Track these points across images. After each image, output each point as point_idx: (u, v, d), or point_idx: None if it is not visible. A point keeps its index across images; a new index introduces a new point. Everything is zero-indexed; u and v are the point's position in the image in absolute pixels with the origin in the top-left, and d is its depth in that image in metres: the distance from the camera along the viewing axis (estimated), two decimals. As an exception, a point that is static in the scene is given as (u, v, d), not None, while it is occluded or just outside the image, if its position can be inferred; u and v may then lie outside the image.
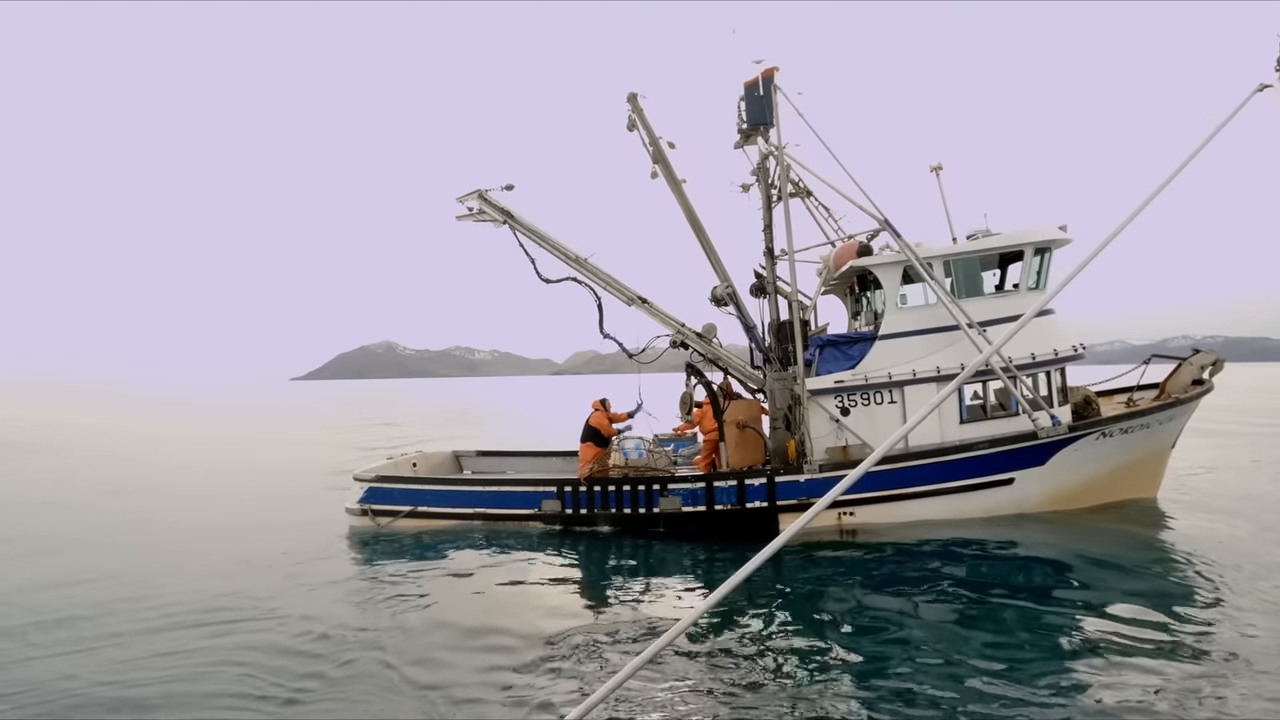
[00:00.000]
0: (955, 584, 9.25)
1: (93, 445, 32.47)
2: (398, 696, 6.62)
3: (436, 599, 9.42)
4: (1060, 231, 12.91)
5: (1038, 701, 6.04)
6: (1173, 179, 4.27)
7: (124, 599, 9.61)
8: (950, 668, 6.79)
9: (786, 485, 12.02)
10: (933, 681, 6.51)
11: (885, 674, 6.76)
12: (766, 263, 14.48)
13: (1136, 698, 6.03)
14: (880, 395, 12.48)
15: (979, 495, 11.90)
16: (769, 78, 13.95)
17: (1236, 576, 9.00)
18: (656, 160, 13.78)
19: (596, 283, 13.50)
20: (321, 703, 6.59)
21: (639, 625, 8.34)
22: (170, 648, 7.94)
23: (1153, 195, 4.17)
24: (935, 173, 13.61)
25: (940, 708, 6.04)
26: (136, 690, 6.92)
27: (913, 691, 6.34)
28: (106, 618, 8.90)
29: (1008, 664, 6.81)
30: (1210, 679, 6.31)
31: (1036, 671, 6.62)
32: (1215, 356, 13.70)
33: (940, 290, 12.10)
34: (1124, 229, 4.04)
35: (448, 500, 13.61)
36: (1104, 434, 12.02)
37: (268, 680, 7.04)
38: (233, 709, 6.51)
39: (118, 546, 12.84)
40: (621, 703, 6.28)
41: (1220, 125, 4.53)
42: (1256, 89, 4.74)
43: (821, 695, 6.37)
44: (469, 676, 7.00)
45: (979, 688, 6.34)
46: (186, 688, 6.94)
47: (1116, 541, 10.71)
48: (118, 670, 7.38)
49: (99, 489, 19.11)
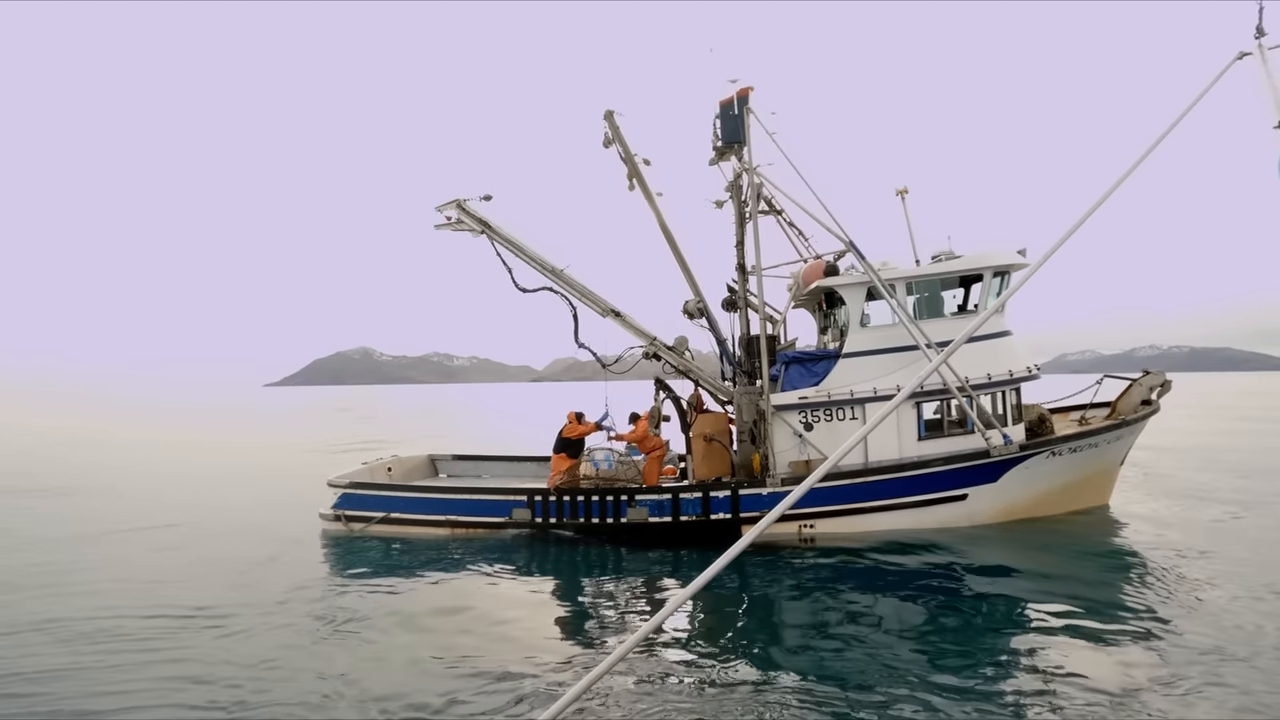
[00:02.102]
0: (908, 593, 9.56)
1: (52, 447, 32.01)
2: (351, 705, 6.70)
3: (401, 606, 9.52)
4: (1019, 255, 13.41)
5: (982, 707, 6.30)
6: (1152, 150, 4.26)
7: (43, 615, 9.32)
8: (895, 672, 7.06)
9: (750, 498, 12.34)
10: (881, 688, 6.75)
11: (834, 679, 6.98)
12: (738, 278, 14.86)
13: (1078, 699, 6.35)
14: (843, 412, 12.86)
15: (934, 510, 12.30)
16: (743, 97, 14.35)
17: (1177, 583, 9.44)
18: (632, 176, 14.13)
19: (572, 294, 13.77)
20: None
21: (607, 628, 8.59)
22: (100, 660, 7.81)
23: (1134, 166, 4.20)
24: (901, 196, 14.09)
25: (888, 712, 6.30)
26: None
27: (863, 700, 6.55)
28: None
29: (949, 667, 7.11)
30: (1152, 682, 6.63)
31: (978, 677, 6.89)
32: (1164, 378, 14.28)
33: (900, 310, 12.53)
34: (1102, 203, 4.09)
35: (421, 507, 13.74)
36: (1054, 453, 12.51)
37: (201, 692, 7.03)
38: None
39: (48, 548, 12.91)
40: (595, 702, 6.51)
41: (1201, 93, 4.48)
42: (1236, 57, 4.66)
43: (773, 695, 6.62)
44: (431, 684, 7.11)
45: (923, 690, 6.62)
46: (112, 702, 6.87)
47: (1063, 551, 11.16)
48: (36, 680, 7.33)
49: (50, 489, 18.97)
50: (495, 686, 6.96)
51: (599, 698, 6.59)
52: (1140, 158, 4.19)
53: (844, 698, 6.55)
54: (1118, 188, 4.12)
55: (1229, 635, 7.65)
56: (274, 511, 15.91)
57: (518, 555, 12.07)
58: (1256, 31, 4.69)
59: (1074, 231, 4.04)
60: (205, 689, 7.06)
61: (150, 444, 34.13)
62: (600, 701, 6.53)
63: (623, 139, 13.96)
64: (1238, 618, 8.16)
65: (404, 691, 6.91)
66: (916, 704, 6.37)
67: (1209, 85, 4.48)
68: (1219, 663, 6.99)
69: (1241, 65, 4.65)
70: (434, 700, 6.70)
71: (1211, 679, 6.66)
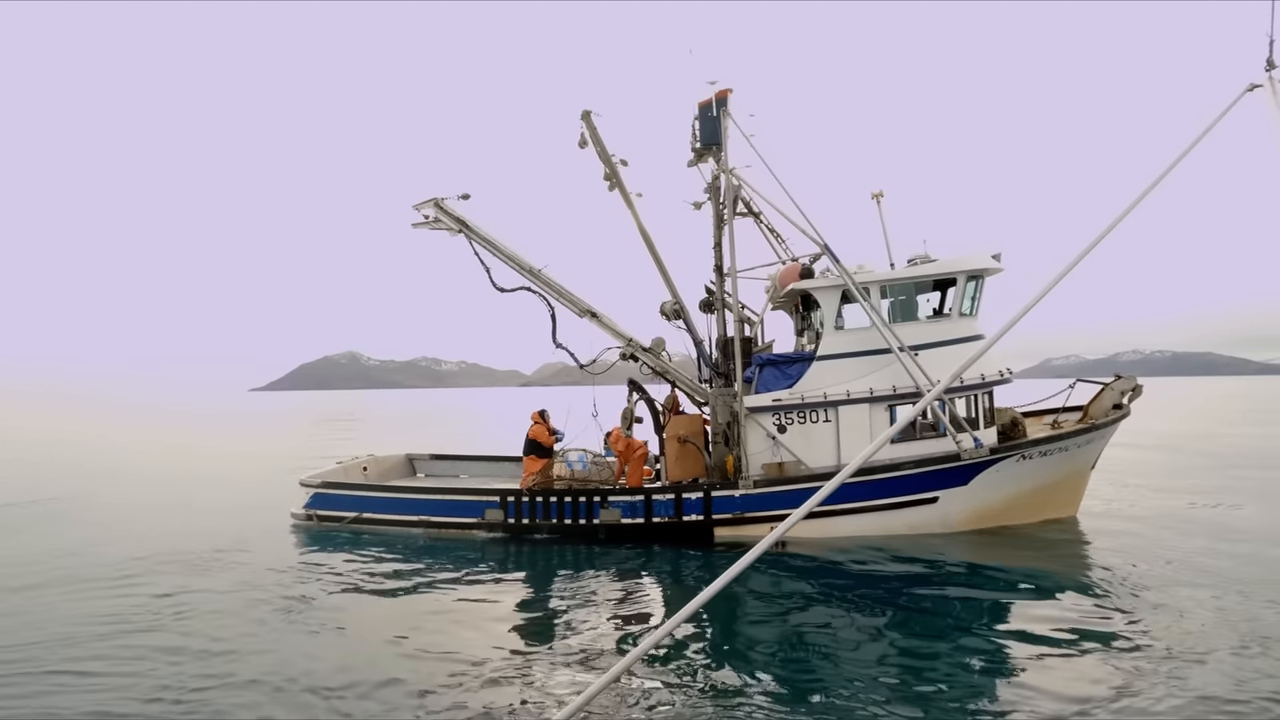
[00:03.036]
0: (878, 596, 9.56)
1: (32, 448, 31.57)
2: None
3: (376, 612, 9.35)
4: (993, 260, 13.50)
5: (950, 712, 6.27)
6: (1161, 179, 4.25)
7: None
8: (861, 677, 7.01)
9: (722, 500, 12.32)
10: (846, 693, 6.69)
11: (799, 682, 6.95)
12: (716, 279, 14.88)
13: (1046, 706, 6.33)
14: (816, 414, 12.87)
15: (905, 513, 12.30)
16: (722, 99, 14.38)
17: (1143, 592, 9.43)
18: (609, 177, 14.13)
19: (550, 294, 13.73)
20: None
21: (594, 635, 8.40)
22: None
23: (1140, 197, 4.18)
24: (876, 200, 14.14)
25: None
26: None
27: (830, 704, 6.50)
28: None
29: (912, 669, 7.12)
30: (1116, 689, 6.58)
31: (950, 683, 6.84)
32: (1135, 383, 14.39)
33: (874, 314, 12.57)
34: (1112, 230, 4.05)
35: (393, 507, 13.66)
36: (1024, 456, 12.56)
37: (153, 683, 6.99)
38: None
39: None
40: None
41: (1210, 125, 4.47)
42: (1246, 89, 4.68)
43: (739, 699, 6.56)
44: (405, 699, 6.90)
45: (888, 695, 6.59)
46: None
47: (1033, 559, 11.16)
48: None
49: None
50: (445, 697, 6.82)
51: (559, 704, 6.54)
52: (1148, 189, 4.19)
53: (807, 701, 6.50)
54: (1126, 216, 4.12)
55: (1195, 639, 7.63)
56: (242, 516, 15.68)
57: (490, 556, 11.98)
58: (1267, 64, 4.72)
59: (1084, 256, 4.01)
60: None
61: (133, 446, 33.74)
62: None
63: (600, 140, 13.95)
64: (1201, 620, 8.18)
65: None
66: (880, 708, 6.33)
67: (1218, 117, 4.48)
68: (1182, 666, 6.97)
69: (1252, 97, 4.68)
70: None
71: (1175, 682, 6.65)
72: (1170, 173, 4.28)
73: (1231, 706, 6.14)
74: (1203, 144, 4.47)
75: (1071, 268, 3.93)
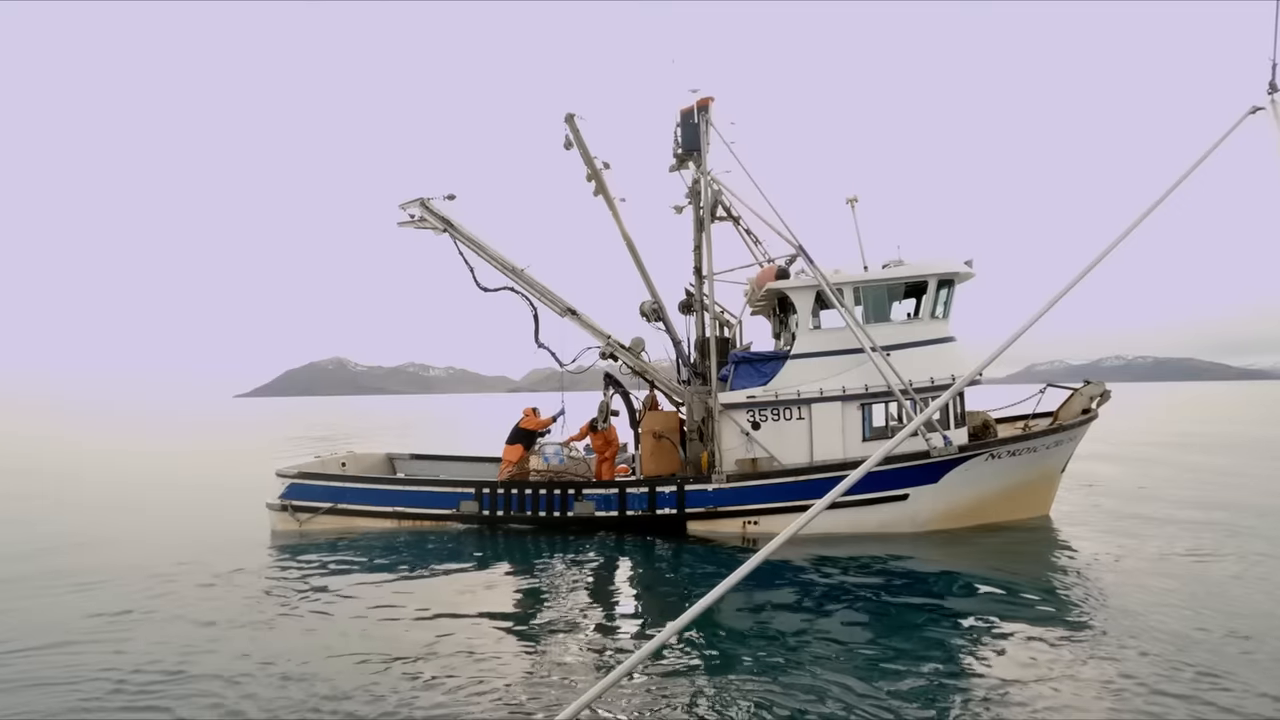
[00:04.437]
0: (846, 592, 9.77)
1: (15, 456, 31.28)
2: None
3: (360, 613, 9.10)
4: (965, 265, 13.82)
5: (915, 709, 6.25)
6: (1162, 201, 4.23)
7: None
8: (832, 672, 7.01)
9: (695, 494, 12.51)
10: (814, 688, 6.66)
11: (768, 676, 6.92)
12: (695, 281, 15.13)
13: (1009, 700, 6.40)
14: (789, 411, 13.09)
15: (876, 510, 12.53)
16: (703, 107, 14.73)
17: (1112, 596, 9.53)
18: (592, 180, 14.35)
19: (532, 293, 13.92)
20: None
21: (577, 634, 8.35)
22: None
23: (1140, 219, 4.16)
24: (850, 205, 14.47)
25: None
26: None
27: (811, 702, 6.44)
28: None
29: (886, 671, 7.06)
30: (1084, 686, 6.64)
31: (915, 680, 6.84)
32: (1103, 388, 14.72)
33: (847, 314, 12.84)
34: (1111, 251, 4.04)
35: (368, 498, 13.72)
36: (993, 455, 12.82)
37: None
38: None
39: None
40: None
41: (1212, 147, 4.42)
42: (1249, 111, 4.62)
43: (710, 692, 6.59)
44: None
45: (856, 691, 6.57)
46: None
47: (1003, 558, 11.37)
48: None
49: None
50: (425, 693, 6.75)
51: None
52: (1147, 211, 4.16)
53: (788, 697, 6.47)
54: (1125, 239, 4.09)
55: (1164, 639, 7.72)
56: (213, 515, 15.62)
57: (467, 547, 12.05)
58: (1269, 87, 4.68)
59: (1090, 271, 4.00)
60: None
61: (113, 453, 33.49)
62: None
63: (583, 143, 14.18)
64: (1165, 620, 8.29)
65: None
66: (847, 705, 6.32)
67: (1220, 140, 4.41)
68: (1150, 664, 7.06)
69: (1254, 119, 4.59)
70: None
71: (1140, 679, 6.72)
72: (1168, 197, 4.20)
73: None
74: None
75: (1079, 279, 3.94)
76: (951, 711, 6.19)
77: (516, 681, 6.89)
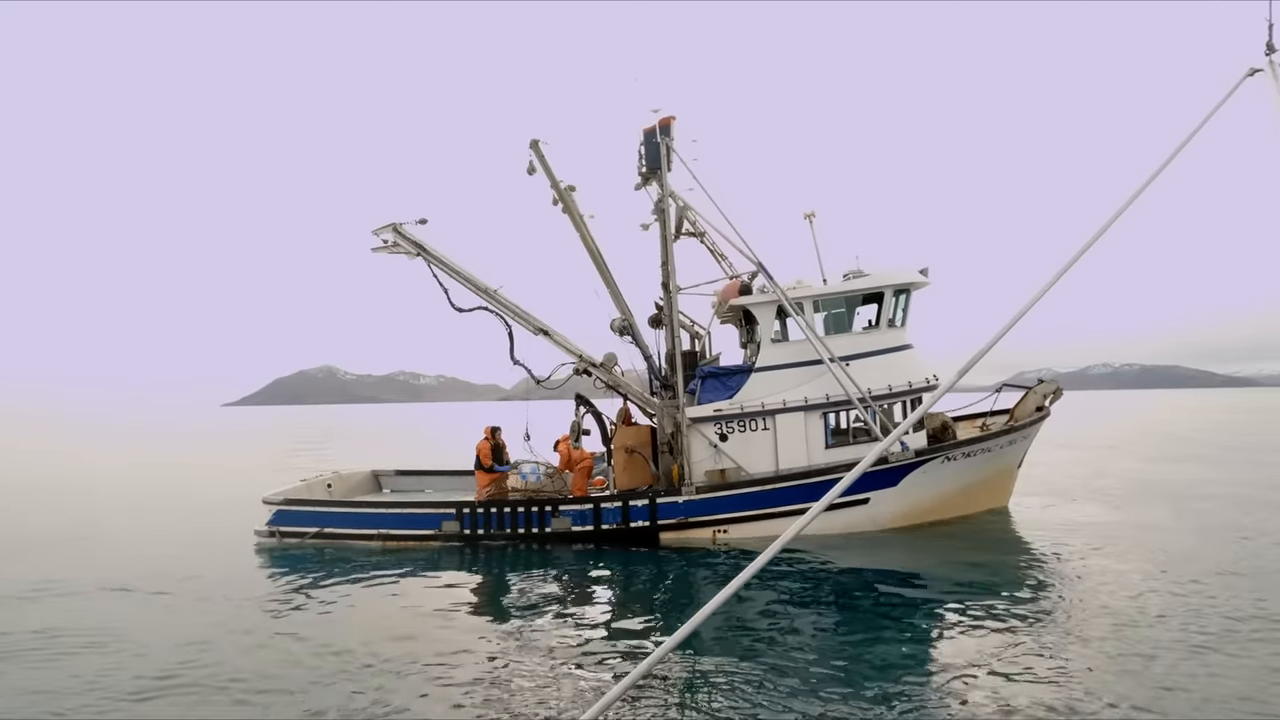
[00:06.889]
0: (814, 591, 10.33)
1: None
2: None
3: (353, 627, 9.39)
4: (920, 275, 14.40)
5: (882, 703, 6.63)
6: (1161, 171, 4.14)
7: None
8: (802, 670, 7.44)
9: (667, 506, 13.05)
10: (787, 686, 7.03)
11: (745, 674, 7.35)
12: (664, 296, 15.61)
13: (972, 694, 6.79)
14: (755, 423, 13.65)
15: (839, 514, 13.07)
16: (664, 126, 15.18)
17: (1070, 581, 10.28)
18: (558, 202, 14.78)
19: (506, 313, 14.34)
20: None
21: (574, 642, 8.66)
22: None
23: (1137, 192, 4.08)
24: (809, 220, 15.01)
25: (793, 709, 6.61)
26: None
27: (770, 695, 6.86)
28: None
29: (865, 668, 7.47)
30: (1045, 678, 7.06)
31: (877, 675, 7.25)
32: (1056, 386, 15.39)
33: (805, 327, 13.41)
34: (1107, 229, 3.98)
35: (353, 521, 14.14)
36: (948, 458, 13.43)
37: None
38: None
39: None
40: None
41: (1212, 111, 4.30)
42: (1247, 73, 4.49)
43: (685, 694, 7.01)
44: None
45: (833, 686, 7.00)
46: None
47: (966, 552, 12.02)
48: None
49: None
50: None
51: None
52: (1142, 186, 4.09)
53: (754, 696, 6.83)
54: (1116, 219, 4.04)
55: (1131, 633, 8.17)
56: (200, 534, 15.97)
57: (449, 565, 12.47)
58: (1267, 48, 4.56)
59: (1080, 257, 3.94)
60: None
61: (98, 465, 33.55)
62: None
63: (549, 167, 14.60)
64: (1128, 611, 8.86)
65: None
66: (819, 701, 6.70)
67: (1219, 104, 4.30)
68: (1113, 653, 7.55)
69: (1252, 81, 4.49)
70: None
71: (1101, 669, 7.19)
72: (1167, 167, 4.13)
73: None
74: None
75: (1067, 269, 3.87)
76: (928, 702, 6.66)
77: (506, 687, 7.31)
